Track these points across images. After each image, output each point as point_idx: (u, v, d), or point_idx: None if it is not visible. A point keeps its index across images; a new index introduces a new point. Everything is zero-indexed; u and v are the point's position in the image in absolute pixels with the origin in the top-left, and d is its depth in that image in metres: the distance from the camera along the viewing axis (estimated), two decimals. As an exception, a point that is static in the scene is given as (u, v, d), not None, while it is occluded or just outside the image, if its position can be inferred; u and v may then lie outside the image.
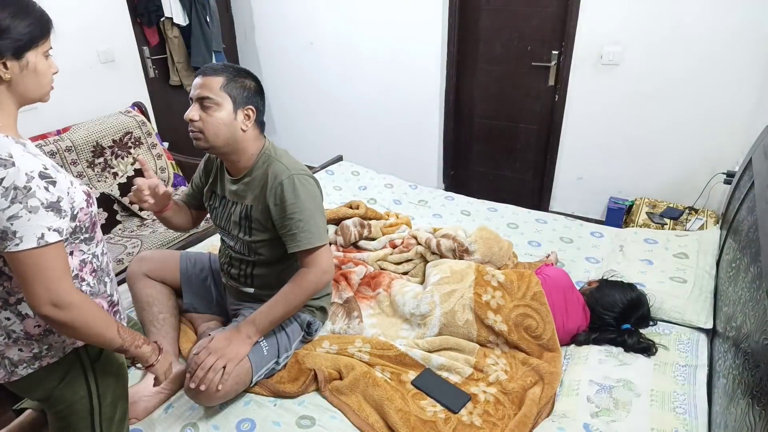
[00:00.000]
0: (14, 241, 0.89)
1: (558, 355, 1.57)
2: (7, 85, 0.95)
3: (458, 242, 1.94)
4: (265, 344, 1.45)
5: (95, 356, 1.12)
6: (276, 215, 1.42)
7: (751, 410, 1.06)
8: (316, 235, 1.41)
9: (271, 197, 1.41)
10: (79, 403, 1.11)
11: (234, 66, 1.43)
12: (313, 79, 3.80)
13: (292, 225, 1.40)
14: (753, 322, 1.24)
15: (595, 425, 1.31)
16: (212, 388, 1.32)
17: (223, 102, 1.36)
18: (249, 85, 1.41)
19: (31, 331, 1.02)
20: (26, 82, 0.97)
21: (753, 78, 2.52)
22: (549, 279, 1.70)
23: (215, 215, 1.60)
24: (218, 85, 1.36)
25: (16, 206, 0.88)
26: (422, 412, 1.38)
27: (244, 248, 1.53)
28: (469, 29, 3.22)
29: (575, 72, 2.94)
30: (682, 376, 1.45)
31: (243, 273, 1.58)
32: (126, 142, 2.70)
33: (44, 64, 0.99)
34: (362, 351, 1.56)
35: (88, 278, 1.10)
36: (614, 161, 3.05)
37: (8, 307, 1.01)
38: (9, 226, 0.88)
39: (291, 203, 1.39)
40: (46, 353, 1.05)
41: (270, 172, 1.43)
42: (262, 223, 1.46)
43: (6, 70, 0.93)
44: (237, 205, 1.50)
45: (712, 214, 2.73)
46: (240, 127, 1.40)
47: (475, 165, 3.64)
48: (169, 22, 3.24)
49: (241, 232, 1.50)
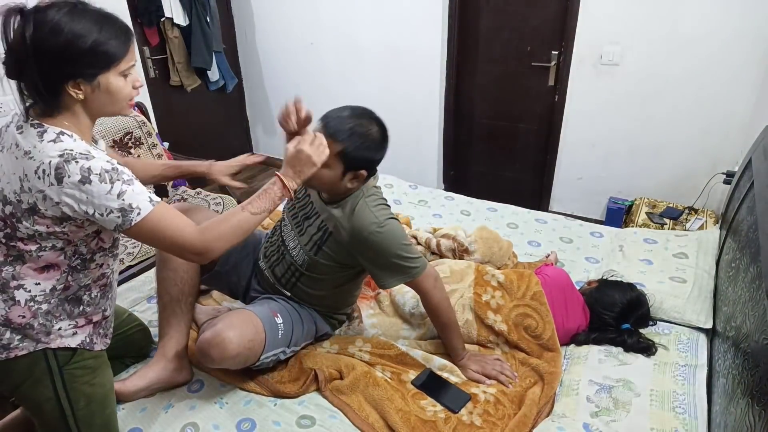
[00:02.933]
0: (135, 212, 0.98)
1: (558, 354, 1.57)
2: (81, 102, 1.00)
3: (458, 242, 1.94)
4: (282, 328, 1.44)
5: (65, 360, 1.12)
6: (367, 260, 1.41)
7: (751, 410, 1.06)
8: (413, 268, 1.40)
9: (358, 246, 1.38)
10: (48, 405, 1.12)
11: (361, 129, 1.29)
12: (313, 79, 3.80)
13: (390, 265, 1.39)
14: (753, 322, 1.24)
15: (594, 425, 1.31)
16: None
17: (334, 166, 1.29)
18: (370, 149, 1.31)
19: (13, 319, 1.05)
20: (99, 101, 1.02)
21: (753, 78, 2.52)
22: (549, 279, 1.70)
23: (294, 205, 1.55)
24: (334, 152, 1.26)
25: (117, 184, 0.97)
26: (422, 411, 1.38)
27: (300, 257, 1.49)
28: (469, 29, 3.22)
29: (575, 72, 2.94)
30: (681, 375, 1.45)
31: (287, 277, 1.54)
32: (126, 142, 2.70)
33: (118, 83, 1.02)
34: (363, 351, 1.56)
35: (94, 290, 1.12)
36: (614, 161, 3.05)
37: (6, 290, 1.04)
38: (122, 202, 0.97)
39: (383, 252, 1.37)
40: (17, 345, 1.06)
41: (356, 218, 1.36)
42: (333, 254, 1.44)
43: (79, 91, 0.98)
44: (319, 218, 1.46)
45: (712, 214, 2.73)
46: (345, 185, 1.35)
47: (475, 165, 3.64)
48: (169, 23, 3.24)
49: (309, 245, 1.47)
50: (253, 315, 1.39)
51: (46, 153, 0.95)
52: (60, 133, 0.98)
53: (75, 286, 1.11)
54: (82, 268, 1.10)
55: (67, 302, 1.11)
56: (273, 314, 1.44)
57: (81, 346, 1.14)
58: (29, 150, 0.96)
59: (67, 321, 1.11)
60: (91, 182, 0.94)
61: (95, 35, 0.95)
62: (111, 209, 0.97)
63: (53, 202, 0.96)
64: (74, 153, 0.95)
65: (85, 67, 0.96)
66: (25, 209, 0.98)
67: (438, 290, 1.47)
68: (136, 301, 1.84)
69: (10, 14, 0.93)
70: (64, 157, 0.94)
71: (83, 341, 1.14)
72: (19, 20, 0.92)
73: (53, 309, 1.09)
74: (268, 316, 1.43)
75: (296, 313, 1.52)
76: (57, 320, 1.10)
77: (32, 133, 0.98)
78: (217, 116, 3.90)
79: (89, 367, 1.16)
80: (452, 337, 1.53)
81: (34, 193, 0.96)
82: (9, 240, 1.03)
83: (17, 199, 0.98)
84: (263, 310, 1.44)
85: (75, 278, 1.10)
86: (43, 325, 1.08)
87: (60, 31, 0.92)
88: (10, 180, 0.99)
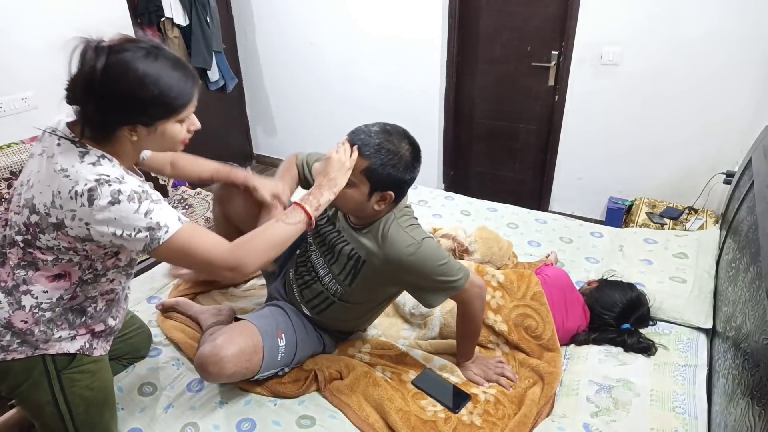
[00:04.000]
0: (163, 230, 0.97)
1: (558, 355, 1.57)
2: (133, 143, 1.00)
3: (458, 242, 1.94)
4: (283, 351, 1.42)
5: (63, 365, 1.11)
6: (409, 285, 1.37)
7: (751, 410, 1.06)
8: (457, 281, 1.32)
9: (397, 272, 1.32)
10: (46, 408, 1.12)
11: (390, 146, 1.21)
12: (313, 79, 3.79)
13: (433, 286, 1.33)
14: (753, 322, 1.24)
15: (594, 425, 1.31)
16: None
17: (360, 184, 1.23)
18: (397, 167, 1.22)
19: (15, 323, 1.04)
20: (151, 143, 1.03)
21: (753, 78, 2.52)
22: (549, 279, 1.70)
23: (318, 231, 1.48)
24: (360, 168, 1.21)
25: (145, 203, 0.97)
26: (422, 411, 1.38)
27: (333, 287, 1.43)
28: (469, 29, 3.22)
29: (575, 72, 2.94)
30: (681, 376, 1.45)
31: (316, 302, 1.49)
32: (126, 143, 2.70)
33: (174, 129, 1.01)
34: (362, 352, 1.56)
35: (100, 303, 1.12)
36: (614, 161, 3.05)
37: (15, 292, 1.03)
38: (150, 220, 0.97)
39: (424, 274, 1.30)
40: (15, 348, 1.06)
41: (390, 245, 1.29)
42: (370, 282, 1.38)
43: (135, 134, 0.97)
44: (348, 245, 1.39)
45: (712, 214, 2.73)
46: (372, 207, 1.28)
47: (475, 165, 3.64)
48: (169, 23, 3.24)
49: (342, 275, 1.40)
50: (255, 332, 1.37)
51: (83, 175, 0.94)
52: (101, 157, 0.98)
53: (82, 297, 1.10)
54: (93, 281, 1.09)
55: (71, 312, 1.10)
56: (278, 334, 1.42)
57: (80, 351, 1.13)
58: (66, 168, 0.95)
59: (68, 330, 1.11)
60: (120, 202, 0.94)
61: (163, 85, 0.94)
62: (139, 228, 0.96)
63: (82, 223, 0.95)
64: (110, 177, 0.95)
65: (148, 116, 0.96)
66: (52, 223, 0.97)
67: (480, 300, 1.40)
68: (136, 300, 1.83)
69: (88, 46, 0.92)
70: (99, 181, 0.94)
71: (82, 347, 1.14)
72: (93, 54, 0.91)
73: (56, 317, 1.08)
74: (272, 335, 1.40)
75: (304, 332, 1.50)
76: (58, 329, 1.09)
77: (74, 152, 0.97)
78: (217, 116, 3.89)
79: (88, 371, 1.16)
80: (471, 344, 1.51)
81: (65, 211, 0.95)
82: (27, 246, 1.02)
83: (46, 212, 0.97)
84: (269, 327, 1.41)
85: (83, 289, 1.09)
86: (44, 332, 1.07)
87: (129, 76, 0.91)
88: (43, 190, 0.98)
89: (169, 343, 1.64)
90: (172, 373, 1.53)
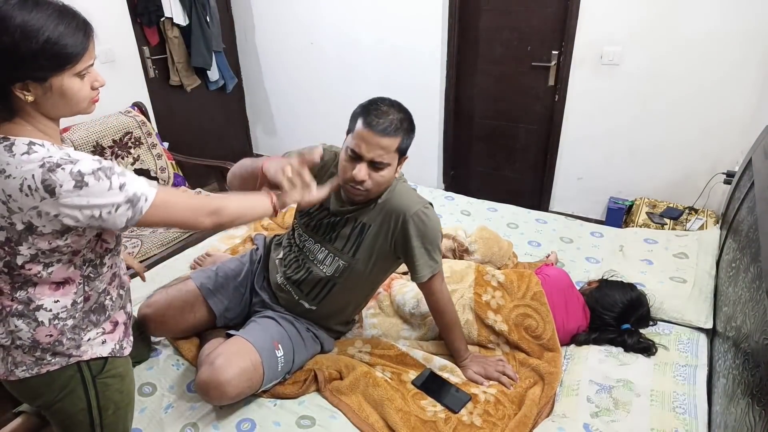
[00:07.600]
0: (142, 199, 0.94)
1: (558, 355, 1.57)
2: (32, 105, 0.91)
3: (458, 242, 1.94)
4: (282, 360, 1.43)
5: (98, 371, 1.10)
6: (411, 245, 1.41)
7: (751, 410, 1.06)
8: (437, 264, 1.45)
9: (405, 226, 1.40)
10: (80, 415, 1.10)
11: (399, 114, 1.35)
12: (313, 79, 3.79)
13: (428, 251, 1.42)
14: (753, 322, 1.24)
15: (595, 425, 1.31)
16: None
17: (392, 162, 1.35)
18: (412, 129, 1.38)
19: (41, 340, 1.01)
20: (51, 104, 0.93)
21: (753, 78, 2.52)
22: (549, 279, 1.70)
23: (311, 222, 1.53)
24: (395, 147, 1.33)
25: (115, 177, 0.91)
26: (422, 412, 1.38)
27: (334, 266, 1.48)
28: (469, 29, 3.22)
29: (575, 72, 2.94)
30: (682, 376, 1.45)
31: (316, 291, 1.52)
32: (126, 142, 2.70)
33: (73, 85, 0.93)
34: (362, 352, 1.56)
35: (113, 293, 1.11)
36: (614, 161, 3.05)
37: (27, 312, 1.00)
38: (128, 192, 0.92)
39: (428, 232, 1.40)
40: (48, 360, 1.03)
41: (404, 198, 1.42)
42: (372, 247, 1.45)
43: (27, 93, 0.89)
44: (348, 222, 1.46)
45: (712, 214, 2.73)
46: (394, 175, 1.40)
47: (475, 165, 3.64)
48: (169, 22, 3.24)
49: (346, 247, 1.46)
50: (252, 350, 1.37)
51: (23, 168, 0.87)
52: (30, 144, 0.90)
53: (95, 295, 1.07)
54: (96, 275, 1.06)
55: (92, 313, 1.08)
56: (274, 345, 1.42)
57: (112, 354, 1.11)
58: (3, 168, 0.88)
59: (95, 330, 1.08)
60: (87, 184, 0.88)
61: (47, 33, 0.85)
62: (117, 204, 0.91)
63: (51, 216, 0.89)
64: (54, 160, 0.88)
65: (35, 68, 0.87)
66: (21, 230, 0.91)
67: (445, 290, 1.50)
68: (136, 301, 1.83)
69: None
70: (45, 167, 0.86)
71: (113, 349, 1.12)
72: None
73: (79, 323, 1.05)
74: (269, 349, 1.41)
75: (298, 336, 1.51)
76: (85, 332, 1.07)
77: None
78: (217, 116, 3.89)
79: (119, 375, 1.14)
80: (456, 338, 1.53)
81: (26, 212, 0.89)
82: (11, 269, 0.96)
83: (8, 223, 0.91)
84: (264, 342, 1.41)
85: (92, 287, 1.06)
86: (72, 339, 1.05)
87: (6, 26, 0.83)
88: None
89: (169, 344, 1.65)
90: (172, 373, 1.53)
